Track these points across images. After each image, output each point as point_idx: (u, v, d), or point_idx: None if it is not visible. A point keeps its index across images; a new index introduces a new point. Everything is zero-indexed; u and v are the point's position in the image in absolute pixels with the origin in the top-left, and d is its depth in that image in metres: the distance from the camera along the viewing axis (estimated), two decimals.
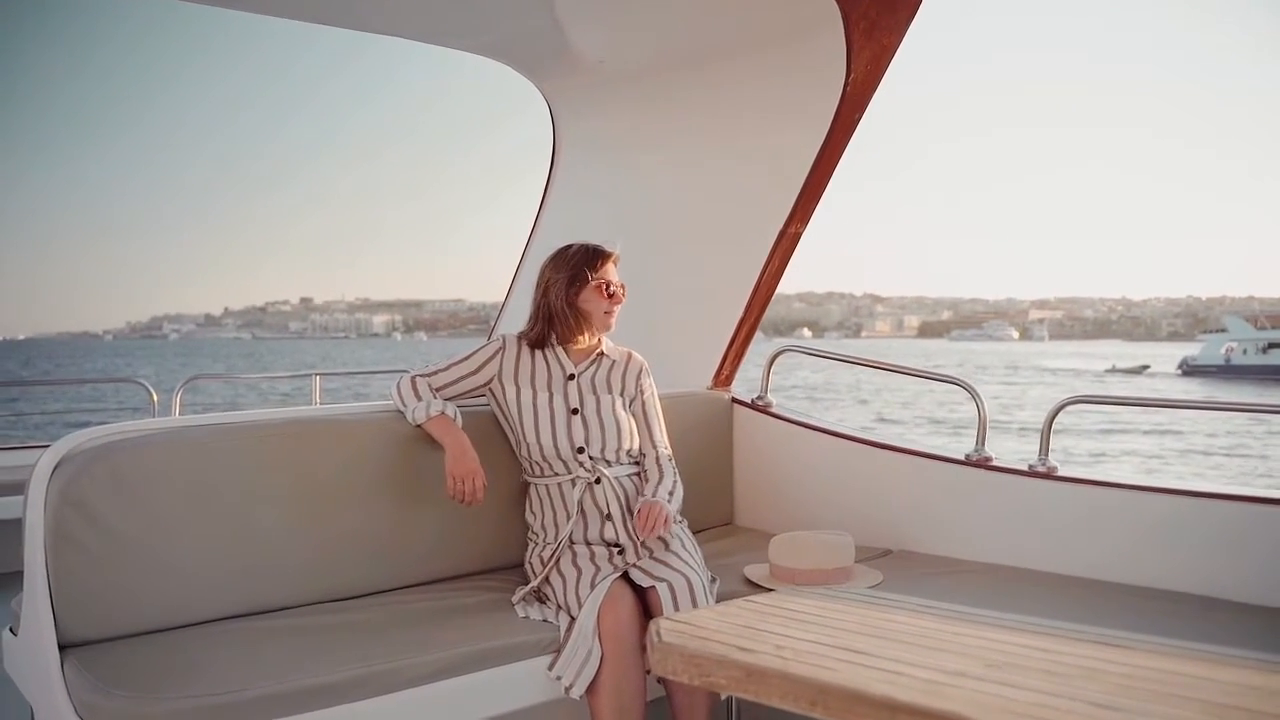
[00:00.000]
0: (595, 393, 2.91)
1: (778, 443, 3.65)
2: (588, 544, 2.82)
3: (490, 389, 2.92)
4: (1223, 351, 52.75)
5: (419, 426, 2.80)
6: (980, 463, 3.15)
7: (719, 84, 3.54)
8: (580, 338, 2.94)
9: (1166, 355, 68.68)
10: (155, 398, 5.72)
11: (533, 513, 2.93)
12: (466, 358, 2.92)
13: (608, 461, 2.85)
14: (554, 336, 2.93)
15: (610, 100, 3.83)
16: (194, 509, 2.47)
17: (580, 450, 2.83)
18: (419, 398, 2.83)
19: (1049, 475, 3.01)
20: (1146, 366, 61.05)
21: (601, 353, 2.98)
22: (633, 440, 2.92)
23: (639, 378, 3.01)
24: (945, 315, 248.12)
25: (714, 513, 3.69)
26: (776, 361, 3.76)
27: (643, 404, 2.99)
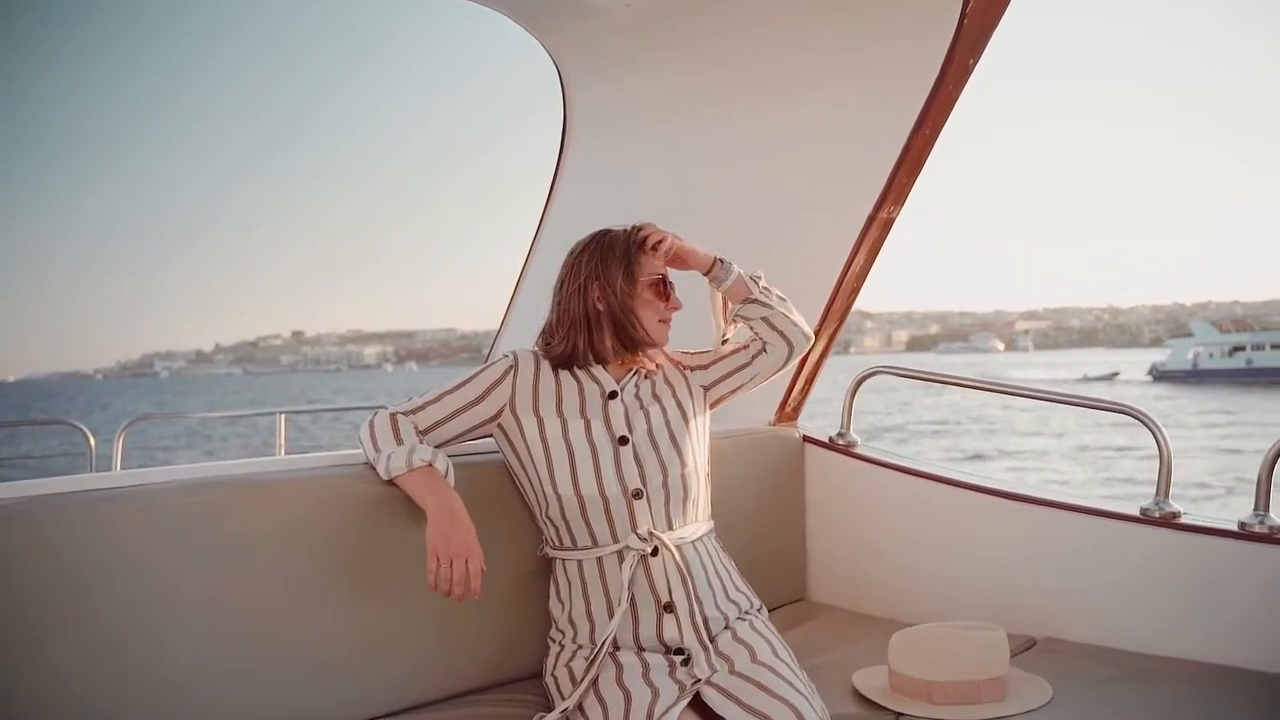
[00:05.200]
0: (644, 408, 2.10)
1: (865, 493, 2.81)
2: (639, 650, 1.97)
3: (500, 425, 2.08)
4: (1190, 356, 54.85)
5: (392, 482, 1.95)
6: (1165, 520, 2.30)
7: (781, 22, 2.70)
8: (637, 354, 2.13)
9: (1140, 362, 69.27)
10: (93, 443, 4.89)
11: (560, 601, 2.08)
12: (465, 383, 2.08)
13: (669, 521, 2.02)
14: (590, 353, 2.10)
15: (635, 54, 2.98)
16: (56, 622, 1.62)
17: (638, 495, 2.00)
18: (399, 441, 1.98)
19: (1272, 537, 2.16)
20: (1117, 374, 62.92)
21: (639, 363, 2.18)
22: (699, 472, 2.13)
23: (682, 360, 2.28)
24: (933, 329, 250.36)
25: (782, 585, 2.84)
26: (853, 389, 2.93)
27: (714, 356, 2.30)
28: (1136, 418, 2.35)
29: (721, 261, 2.22)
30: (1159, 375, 55.91)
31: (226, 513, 1.83)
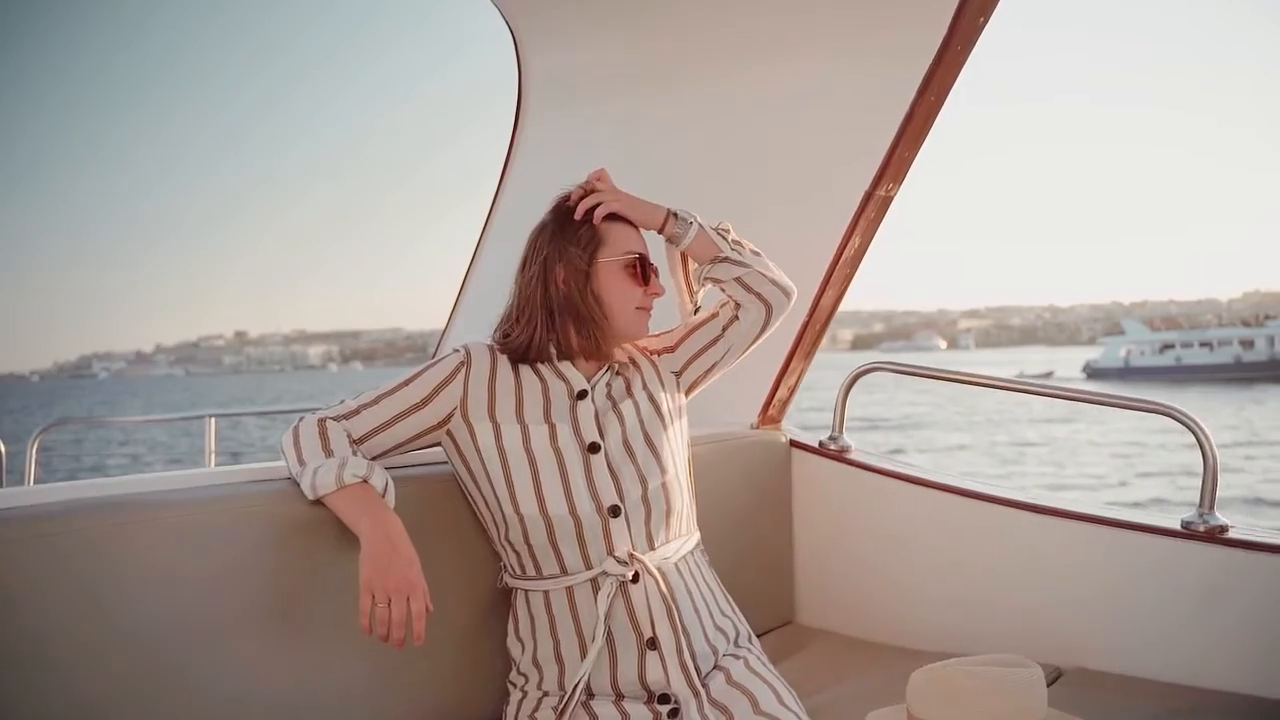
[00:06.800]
0: (616, 408, 1.79)
1: (860, 503, 2.52)
2: (617, 697, 1.66)
3: (450, 432, 1.75)
4: (1122, 353, 56.86)
5: (319, 501, 1.61)
6: (1210, 534, 2.03)
7: None
8: (610, 347, 1.81)
9: (1076, 359, 71.52)
10: (3, 452, 4.44)
11: (519, 640, 1.76)
12: (408, 381, 1.75)
13: (651, 539, 1.71)
14: (555, 346, 1.78)
15: (600, 14, 2.66)
16: None
17: (615, 512, 1.69)
18: (328, 452, 1.64)
19: None
20: (1052, 372, 64.34)
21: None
22: (681, 478, 1.83)
23: (647, 344, 1.96)
24: (878, 328, 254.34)
25: (768, 608, 2.53)
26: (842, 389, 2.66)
27: (682, 333, 1.98)
28: (1179, 420, 2.07)
29: (676, 215, 1.89)
30: (1092, 373, 57.15)
31: (125, 539, 1.48)
